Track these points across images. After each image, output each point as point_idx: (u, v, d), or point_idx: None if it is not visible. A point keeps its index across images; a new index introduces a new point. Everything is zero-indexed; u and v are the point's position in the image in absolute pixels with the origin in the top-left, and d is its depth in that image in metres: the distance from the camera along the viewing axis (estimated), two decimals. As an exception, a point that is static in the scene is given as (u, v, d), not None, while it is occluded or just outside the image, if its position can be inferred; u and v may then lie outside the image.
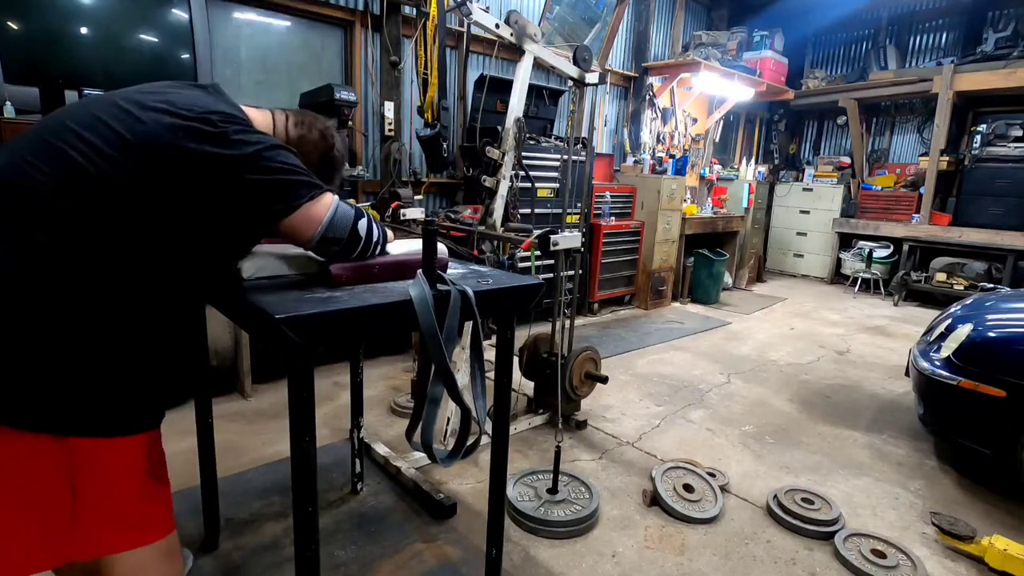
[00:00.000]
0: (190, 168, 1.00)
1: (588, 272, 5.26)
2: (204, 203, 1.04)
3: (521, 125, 2.60)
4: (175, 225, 1.02)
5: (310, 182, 1.13)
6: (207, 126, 1.02)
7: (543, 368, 2.99)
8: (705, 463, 2.68)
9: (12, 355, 0.91)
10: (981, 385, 2.43)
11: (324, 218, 1.14)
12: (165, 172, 0.99)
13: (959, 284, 6.18)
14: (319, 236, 1.14)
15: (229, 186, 1.04)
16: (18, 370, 0.92)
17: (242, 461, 2.53)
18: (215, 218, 1.07)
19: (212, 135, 1.02)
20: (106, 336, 0.98)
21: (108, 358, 0.99)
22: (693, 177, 6.76)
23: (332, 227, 1.15)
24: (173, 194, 1.00)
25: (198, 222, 1.05)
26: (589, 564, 1.99)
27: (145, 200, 0.98)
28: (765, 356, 4.44)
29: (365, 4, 4.03)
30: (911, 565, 2.03)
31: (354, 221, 1.19)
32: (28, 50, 2.90)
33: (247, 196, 1.07)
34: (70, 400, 0.96)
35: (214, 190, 1.03)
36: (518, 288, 1.38)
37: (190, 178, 1.01)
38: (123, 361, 1.01)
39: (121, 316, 1.00)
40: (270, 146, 1.09)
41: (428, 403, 1.19)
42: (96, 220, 0.95)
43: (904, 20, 7.30)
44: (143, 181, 0.98)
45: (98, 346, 0.97)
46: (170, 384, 1.12)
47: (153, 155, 0.98)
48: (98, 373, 0.98)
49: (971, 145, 6.49)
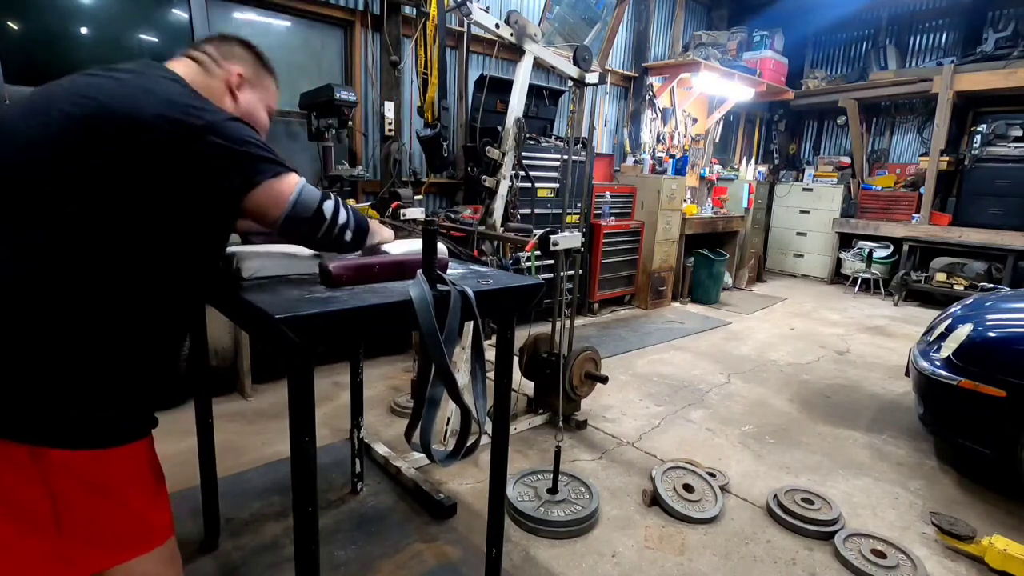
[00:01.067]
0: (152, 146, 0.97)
1: (588, 272, 5.26)
2: (164, 180, 0.99)
3: (521, 125, 2.60)
4: (142, 209, 0.99)
5: (272, 159, 1.09)
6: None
7: (543, 368, 2.99)
8: (705, 463, 2.68)
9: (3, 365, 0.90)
10: (981, 385, 2.43)
11: (290, 197, 1.09)
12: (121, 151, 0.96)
13: (959, 284, 6.18)
14: (284, 216, 1.10)
15: (188, 157, 1.00)
16: (11, 381, 0.90)
17: (242, 461, 2.53)
18: (178, 197, 1.02)
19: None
20: (101, 341, 0.97)
21: (104, 365, 0.97)
22: (693, 177, 6.77)
23: (298, 207, 1.10)
24: (132, 173, 0.97)
25: (162, 203, 1.00)
26: (589, 564, 1.99)
27: (108, 183, 0.96)
28: (765, 356, 4.44)
29: (365, 4, 4.03)
30: (911, 565, 2.03)
31: (320, 202, 1.14)
32: (28, 50, 2.90)
33: (205, 168, 1.02)
34: (71, 411, 0.94)
35: (173, 164, 0.99)
36: (518, 288, 1.38)
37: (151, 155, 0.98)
38: (119, 368, 1.00)
39: (112, 318, 0.98)
40: (229, 118, 1.05)
41: (428, 403, 1.19)
42: (69, 209, 0.94)
43: (904, 20, 7.30)
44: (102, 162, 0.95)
45: (93, 353, 0.96)
46: (166, 388, 1.11)
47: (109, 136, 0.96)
48: (96, 382, 0.96)
49: (971, 145, 6.49)
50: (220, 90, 1.20)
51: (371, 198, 4.07)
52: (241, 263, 1.25)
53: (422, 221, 1.58)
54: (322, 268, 1.22)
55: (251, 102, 1.25)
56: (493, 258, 2.84)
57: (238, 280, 1.23)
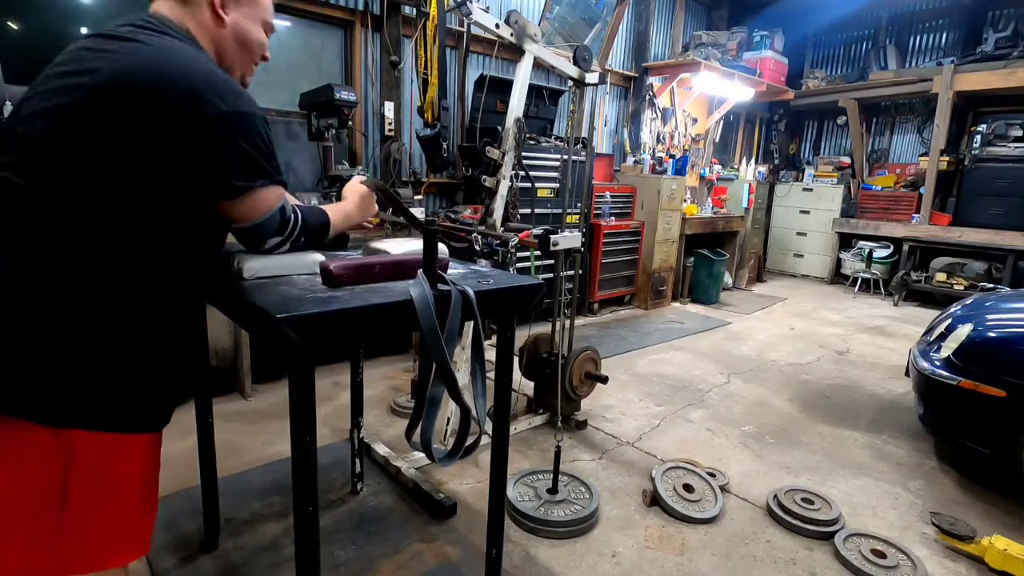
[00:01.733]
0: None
1: (588, 272, 5.26)
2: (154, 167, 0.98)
3: (521, 125, 2.60)
4: (131, 195, 0.97)
5: (265, 168, 1.09)
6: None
7: (543, 368, 2.99)
8: (705, 463, 2.68)
9: (10, 348, 0.91)
10: (981, 385, 2.43)
11: (265, 213, 1.11)
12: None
13: (959, 284, 6.18)
14: (251, 226, 1.12)
15: (185, 151, 0.99)
16: (16, 362, 0.91)
17: (242, 461, 2.53)
18: (164, 183, 1.00)
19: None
20: (103, 329, 0.97)
21: (107, 353, 0.98)
22: (693, 177, 6.77)
23: (268, 222, 1.13)
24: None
25: (149, 189, 0.99)
26: (589, 564, 2.00)
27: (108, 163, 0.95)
28: (765, 356, 4.44)
29: (365, 4, 4.03)
30: (911, 565, 2.03)
31: (283, 220, 1.16)
32: (28, 50, 2.90)
33: (198, 165, 1.01)
34: (71, 394, 0.95)
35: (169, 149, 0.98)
36: (518, 288, 1.38)
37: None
38: (121, 357, 1.00)
39: (113, 308, 0.98)
40: (231, 113, 1.02)
41: (428, 402, 1.19)
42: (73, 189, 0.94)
43: (904, 20, 7.30)
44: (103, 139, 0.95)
45: (96, 339, 0.96)
46: (172, 386, 1.11)
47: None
48: (97, 369, 0.97)
49: (971, 145, 6.49)
50: (205, 20, 1.13)
51: (371, 198, 4.06)
52: (242, 263, 1.25)
53: (422, 221, 1.58)
54: (323, 268, 1.22)
55: (240, 22, 1.18)
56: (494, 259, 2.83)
57: (238, 279, 1.23)
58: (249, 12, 1.19)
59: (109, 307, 0.97)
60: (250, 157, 1.05)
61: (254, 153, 1.06)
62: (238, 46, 1.18)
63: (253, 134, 1.06)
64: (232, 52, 1.18)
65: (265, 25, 1.24)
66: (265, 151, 1.08)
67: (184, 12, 1.12)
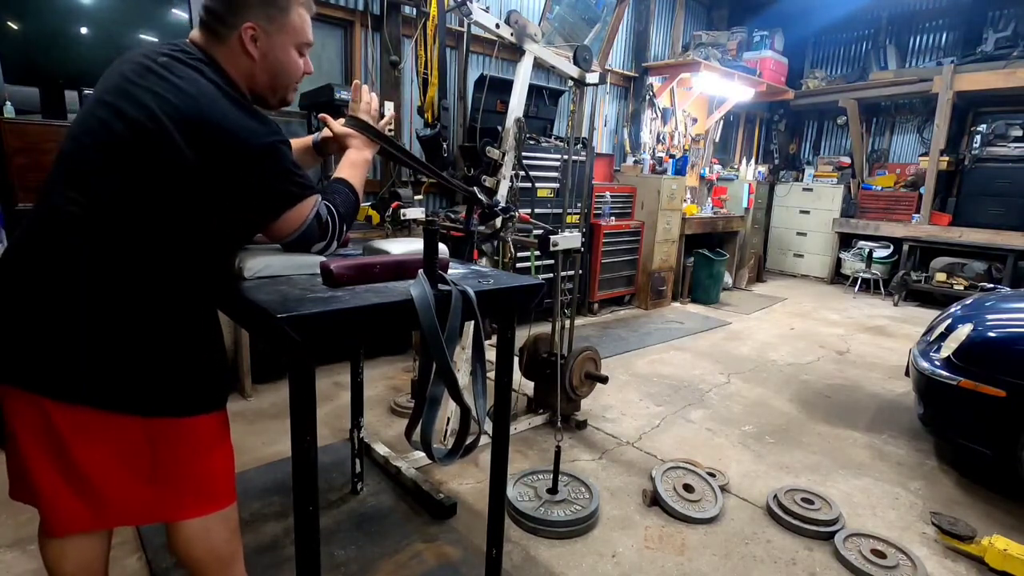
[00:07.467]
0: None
1: (588, 272, 5.26)
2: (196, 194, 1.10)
3: (521, 125, 2.60)
4: (174, 214, 1.09)
5: (297, 187, 1.19)
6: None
7: (543, 368, 2.99)
8: (705, 463, 2.68)
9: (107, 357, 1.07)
10: (981, 385, 2.43)
11: (302, 225, 1.21)
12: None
13: (959, 284, 6.18)
14: (293, 237, 1.22)
15: (228, 183, 1.12)
16: (115, 369, 1.07)
17: (242, 461, 2.53)
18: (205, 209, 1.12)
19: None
20: (172, 337, 1.12)
21: (176, 356, 1.13)
22: (693, 177, 6.76)
23: (307, 230, 1.22)
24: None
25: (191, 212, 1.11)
26: (589, 564, 2.00)
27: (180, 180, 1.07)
28: (765, 356, 4.44)
29: (365, 4, 4.03)
30: (911, 565, 2.03)
31: (322, 222, 1.25)
32: (28, 50, 2.89)
33: (241, 196, 1.14)
34: (152, 391, 1.11)
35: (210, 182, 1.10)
36: (518, 288, 1.38)
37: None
38: (186, 358, 1.15)
39: (174, 319, 1.12)
40: (264, 147, 1.12)
41: (429, 402, 1.19)
42: (135, 193, 1.07)
43: (904, 20, 7.30)
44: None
45: (168, 346, 1.12)
46: (223, 373, 1.26)
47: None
48: (170, 369, 1.12)
49: (971, 145, 6.49)
50: (235, 54, 1.16)
51: (371, 198, 4.07)
52: (243, 262, 1.25)
53: (422, 221, 1.58)
54: (323, 268, 1.22)
55: (270, 54, 1.18)
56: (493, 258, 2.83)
57: (240, 279, 1.24)
58: (280, 41, 1.20)
59: (172, 320, 1.12)
60: (283, 182, 1.16)
61: (285, 178, 1.16)
62: (269, 77, 1.22)
63: (284, 160, 1.16)
64: (263, 82, 1.22)
65: (299, 47, 1.24)
66: (294, 170, 1.18)
67: (215, 46, 1.17)
